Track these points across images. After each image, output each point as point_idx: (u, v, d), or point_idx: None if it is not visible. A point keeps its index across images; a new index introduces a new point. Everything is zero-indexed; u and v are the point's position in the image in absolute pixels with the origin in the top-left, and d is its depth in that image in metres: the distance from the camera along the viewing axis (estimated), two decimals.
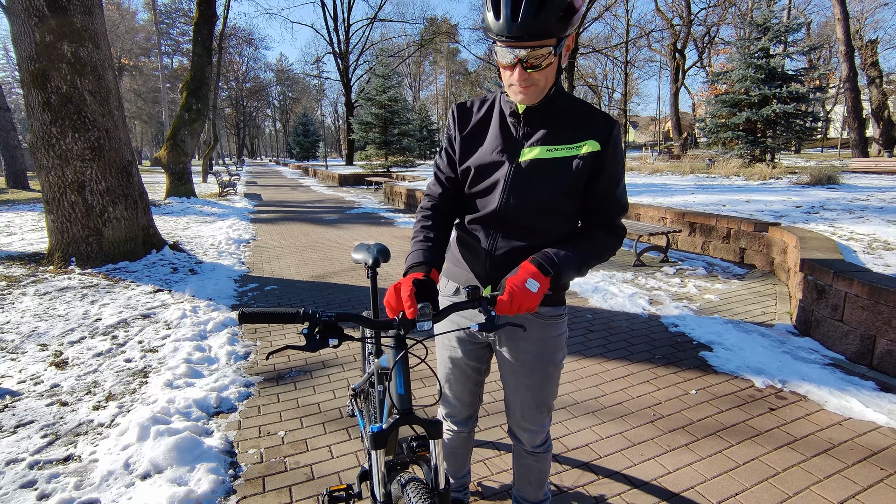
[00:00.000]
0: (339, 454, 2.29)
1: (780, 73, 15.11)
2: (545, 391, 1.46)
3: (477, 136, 1.36)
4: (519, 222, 1.30)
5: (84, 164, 5.13)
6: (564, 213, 1.31)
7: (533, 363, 1.42)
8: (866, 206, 6.79)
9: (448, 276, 1.49)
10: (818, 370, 3.00)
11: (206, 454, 2.22)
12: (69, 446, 2.32)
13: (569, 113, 1.28)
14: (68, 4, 4.94)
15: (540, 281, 1.18)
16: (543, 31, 1.08)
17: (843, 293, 3.23)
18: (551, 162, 1.26)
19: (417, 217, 1.41)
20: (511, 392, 1.49)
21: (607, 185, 1.29)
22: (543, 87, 1.20)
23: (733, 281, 4.98)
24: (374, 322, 1.10)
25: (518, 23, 1.07)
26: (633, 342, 3.52)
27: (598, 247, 1.30)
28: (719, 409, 2.62)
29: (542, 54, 1.12)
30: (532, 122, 1.28)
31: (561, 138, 1.26)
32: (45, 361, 3.21)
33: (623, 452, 2.26)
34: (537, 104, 1.24)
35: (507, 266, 1.31)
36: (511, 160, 1.28)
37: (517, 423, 1.52)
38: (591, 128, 1.25)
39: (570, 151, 1.25)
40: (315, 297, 4.76)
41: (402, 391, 1.12)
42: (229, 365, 3.22)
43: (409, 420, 1.11)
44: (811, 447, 2.27)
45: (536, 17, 1.07)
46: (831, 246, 4.15)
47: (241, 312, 0.99)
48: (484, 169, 1.32)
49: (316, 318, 1.02)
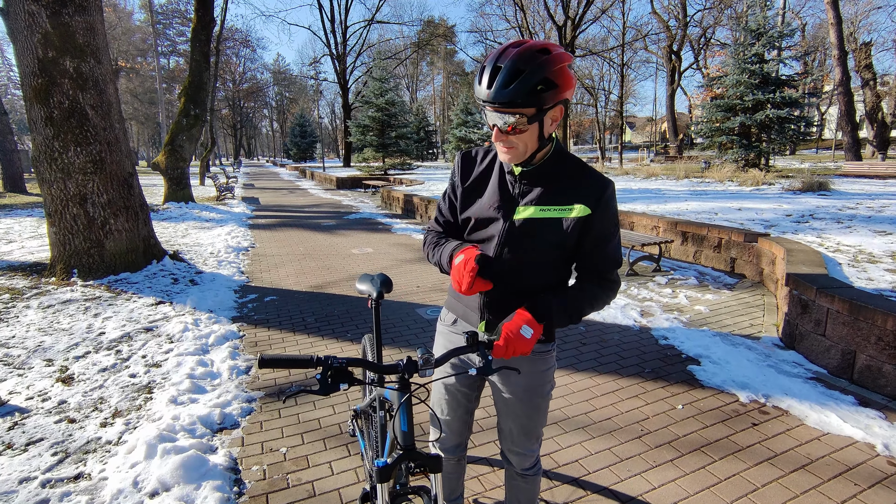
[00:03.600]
0: (340, 471, 2.39)
1: (774, 79, 15.27)
2: (534, 420, 1.57)
3: (478, 187, 1.45)
4: (510, 272, 1.39)
5: (86, 178, 5.21)
6: (555, 267, 1.41)
7: (522, 395, 1.52)
8: (854, 216, 6.93)
9: (448, 308, 1.62)
10: (800, 384, 3.11)
11: (211, 472, 2.32)
12: (79, 464, 2.41)
13: (564, 175, 1.35)
14: (70, 20, 5.02)
15: (534, 328, 1.28)
16: (513, 101, 1.17)
17: (826, 309, 3.35)
18: (543, 222, 1.33)
19: (427, 241, 1.55)
20: (503, 418, 1.61)
21: (598, 244, 1.37)
22: (524, 151, 1.28)
23: (723, 291, 5.10)
24: (381, 367, 1.20)
25: (492, 90, 1.18)
26: (623, 356, 3.63)
27: (591, 298, 1.39)
28: (704, 424, 2.73)
29: (516, 121, 1.21)
30: (528, 181, 1.36)
31: (554, 199, 1.33)
32: (51, 377, 3.29)
33: (611, 468, 2.37)
34: (533, 167, 1.34)
35: (500, 306, 1.42)
36: (506, 217, 1.36)
37: (508, 447, 1.63)
38: (584, 191, 1.33)
39: (561, 213, 1.33)
40: (314, 308, 4.86)
41: (405, 429, 1.22)
42: (231, 380, 3.31)
43: (412, 456, 1.22)
44: (790, 462, 2.38)
45: (507, 87, 1.16)
46: (817, 259, 4.26)
47: (260, 358, 1.09)
48: (481, 222, 1.41)
49: (329, 364, 1.12)
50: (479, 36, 37.48)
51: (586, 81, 43.80)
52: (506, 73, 1.16)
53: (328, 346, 3.91)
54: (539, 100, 1.18)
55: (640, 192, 11.45)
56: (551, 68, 1.17)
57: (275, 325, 4.40)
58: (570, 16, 26.33)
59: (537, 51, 1.18)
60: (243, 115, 59.60)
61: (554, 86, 1.18)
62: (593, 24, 32.95)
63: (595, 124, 44.38)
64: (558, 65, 1.19)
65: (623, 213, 7.60)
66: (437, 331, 1.68)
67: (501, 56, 1.19)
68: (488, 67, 1.20)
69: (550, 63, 1.17)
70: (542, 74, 1.16)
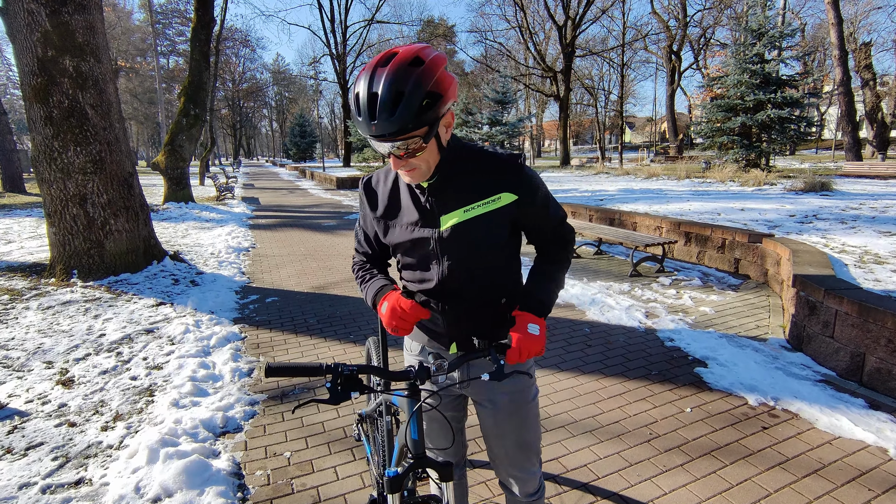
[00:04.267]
0: (345, 475, 2.35)
1: (775, 79, 15.25)
2: (528, 431, 1.46)
3: (391, 212, 1.35)
4: (461, 283, 1.31)
5: (86, 178, 5.17)
6: (502, 253, 1.35)
7: (508, 405, 1.42)
8: (858, 216, 6.90)
9: (411, 338, 1.51)
10: (810, 387, 3.08)
11: (214, 477, 2.28)
12: (80, 469, 2.37)
13: (474, 168, 1.26)
14: (70, 19, 4.98)
15: (538, 323, 1.27)
16: (403, 128, 1.06)
17: (834, 310, 3.32)
18: (473, 222, 1.25)
19: (355, 271, 1.49)
20: (495, 441, 1.48)
21: (541, 216, 1.33)
22: (428, 168, 1.19)
23: (728, 292, 5.07)
24: (393, 374, 1.17)
25: (376, 124, 1.05)
26: (630, 357, 3.59)
27: (560, 260, 1.40)
28: (714, 427, 2.69)
29: (411, 144, 1.10)
30: (439, 189, 1.26)
31: (475, 195, 1.25)
32: (51, 380, 3.25)
33: (621, 473, 2.33)
34: (438, 175, 1.24)
35: (465, 319, 1.36)
36: (433, 232, 1.27)
37: (507, 473, 1.49)
38: (501, 178, 1.25)
39: (487, 206, 1.24)
40: (316, 309, 4.82)
41: (416, 437, 1.19)
42: (234, 382, 3.27)
43: (423, 464, 1.18)
44: (802, 467, 2.34)
45: (391, 117, 1.04)
46: (823, 260, 4.23)
47: (267, 367, 1.05)
48: (408, 245, 1.32)
49: (339, 372, 1.08)
50: (479, 36, 37.50)
51: (586, 81, 43.79)
52: (385, 101, 1.03)
53: (331, 349, 3.87)
54: (428, 116, 1.07)
55: (642, 192, 11.43)
56: (431, 79, 1.06)
57: (276, 326, 4.36)
58: (570, 15, 26.31)
59: (409, 64, 1.06)
60: (243, 115, 59.56)
61: (439, 97, 1.07)
62: (593, 24, 32.94)
63: (595, 124, 44.37)
64: (437, 72, 1.07)
65: (625, 214, 7.57)
66: (405, 360, 1.57)
67: (373, 80, 1.05)
68: (362, 95, 1.06)
69: (429, 74, 1.06)
70: (425, 89, 1.05)
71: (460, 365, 1.21)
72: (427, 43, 1.11)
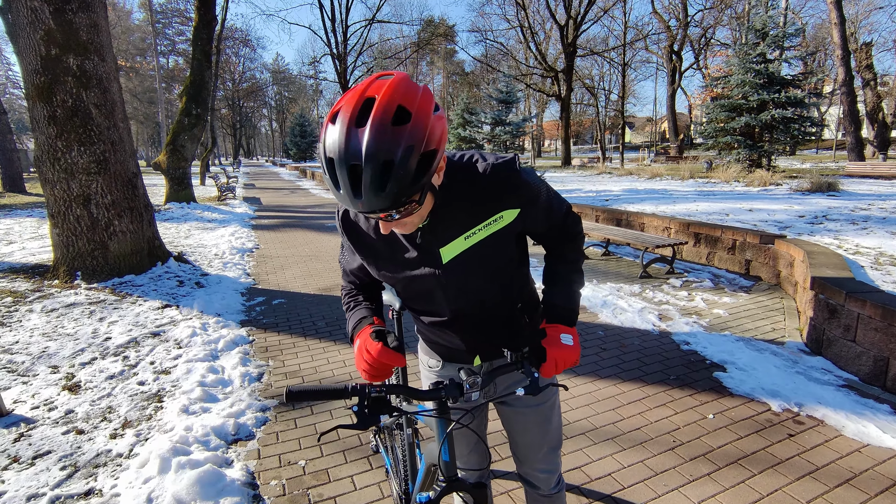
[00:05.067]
0: (363, 485, 2.28)
1: (779, 79, 15.20)
2: (551, 423, 1.43)
3: (378, 249, 1.19)
4: (472, 307, 1.22)
5: (89, 178, 5.09)
6: (511, 267, 1.25)
7: (532, 400, 1.37)
8: (869, 217, 6.84)
9: (427, 353, 1.43)
10: (833, 392, 3.01)
11: (228, 488, 2.21)
12: (89, 479, 2.30)
13: (469, 190, 1.09)
14: (74, 17, 4.90)
15: (570, 332, 1.22)
16: (396, 202, 0.88)
17: (856, 314, 3.25)
18: (476, 247, 1.13)
19: (342, 297, 1.39)
20: (519, 436, 1.44)
21: (545, 217, 1.23)
22: (422, 218, 1.04)
23: (740, 294, 5.00)
24: (423, 393, 1.10)
25: (362, 200, 0.86)
26: (646, 361, 3.53)
27: (574, 259, 1.32)
28: (738, 434, 2.63)
29: (404, 211, 0.94)
30: (433, 224, 1.10)
31: (475, 218, 1.11)
32: (57, 385, 3.18)
33: (646, 482, 2.27)
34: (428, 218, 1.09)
35: (482, 334, 1.28)
36: (434, 266, 1.14)
37: (530, 467, 1.46)
38: (500, 196, 1.10)
39: (490, 228, 1.11)
40: (324, 311, 4.75)
41: (447, 458, 1.12)
42: (244, 387, 3.20)
43: (455, 487, 1.11)
44: (833, 477, 2.28)
45: (381, 192, 0.86)
46: (839, 262, 4.17)
47: (288, 392, 0.97)
48: (406, 282, 1.20)
49: (366, 394, 1.01)
50: (480, 35, 37.44)
51: (586, 81, 43.73)
52: (373, 177, 0.84)
53: (341, 352, 3.80)
54: (426, 179, 0.90)
55: (647, 192, 11.36)
56: (424, 136, 0.86)
57: (284, 329, 4.29)
58: (571, 15, 26.24)
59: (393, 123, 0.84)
60: (242, 115, 59.43)
61: (434, 153, 0.89)
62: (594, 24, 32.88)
63: (595, 124, 44.31)
64: (428, 123, 0.87)
65: (633, 214, 7.51)
66: (423, 375, 1.49)
67: (348, 147, 0.84)
68: (338, 167, 0.85)
69: (419, 130, 0.86)
70: (419, 153, 0.86)
71: (493, 380, 1.14)
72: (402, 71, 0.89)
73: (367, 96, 0.87)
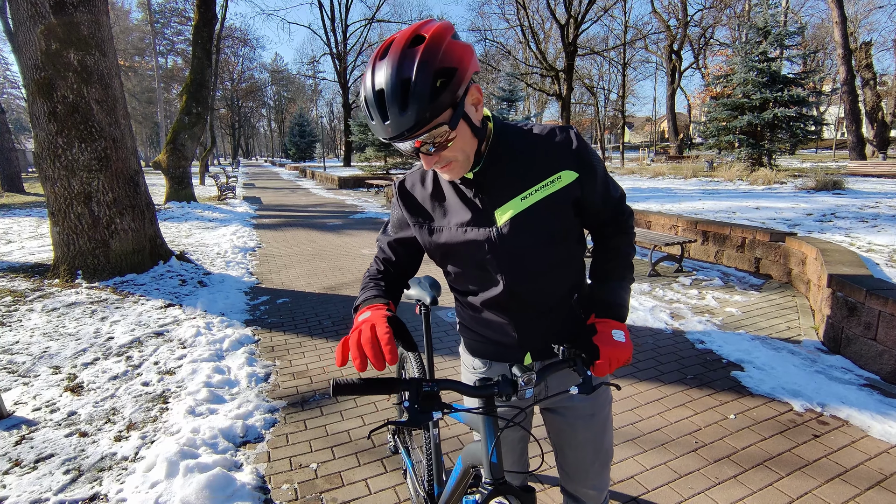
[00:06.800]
0: (377, 489, 2.20)
1: (781, 77, 15.14)
2: (606, 436, 1.33)
3: (433, 214, 1.18)
4: (529, 283, 1.16)
5: (91, 175, 5.00)
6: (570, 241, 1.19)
7: (587, 409, 1.28)
8: (878, 214, 6.78)
9: (473, 352, 1.34)
10: (855, 392, 2.94)
11: (239, 492, 2.13)
12: (94, 483, 2.22)
13: (522, 147, 1.11)
14: (74, 11, 4.82)
15: (622, 328, 1.15)
16: (420, 120, 0.91)
17: (877, 311, 3.18)
18: (533, 209, 1.09)
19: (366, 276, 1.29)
20: (569, 450, 1.32)
21: (603, 195, 1.19)
22: (467, 157, 1.04)
23: (751, 293, 4.93)
24: (476, 389, 1.02)
25: (391, 125, 0.92)
26: (661, 361, 3.46)
27: (627, 253, 1.26)
28: (762, 435, 2.55)
29: (436, 135, 0.95)
30: (488, 180, 1.10)
31: (531, 179, 1.09)
32: (59, 386, 3.10)
33: (671, 485, 2.19)
34: (483, 162, 1.09)
35: (538, 328, 1.21)
36: (488, 231, 1.11)
37: (580, 484, 1.35)
38: (558, 153, 1.10)
39: (547, 189, 1.09)
40: (330, 310, 4.67)
41: (496, 460, 1.04)
42: (250, 388, 3.13)
43: (503, 490, 1.04)
44: (863, 479, 2.21)
45: (405, 110, 0.90)
46: (855, 259, 4.10)
47: (335, 385, 0.90)
48: (459, 249, 1.16)
49: (419, 389, 0.94)
50: (479, 35, 37.36)
51: (586, 81, 43.69)
52: (393, 96, 0.90)
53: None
54: (446, 97, 0.92)
55: (651, 191, 11.30)
56: (438, 53, 0.90)
57: (290, 328, 4.21)
58: (572, 14, 26.20)
59: (409, 45, 0.91)
60: (241, 115, 59.29)
61: (453, 71, 0.92)
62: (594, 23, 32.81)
63: (595, 124, 44.28)
64: (443, 43, 0.92)
65: (639, 213, 7.43)
66: (465, 378, 1.39)
67: (374, 76, 0.92)
68: (367, 95, 0.93)
69: (433, 48, 0.90)
70: (433, 68, 0.90)
71: (545, 378, 1.07)
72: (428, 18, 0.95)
73: (391, 39, 0.95)
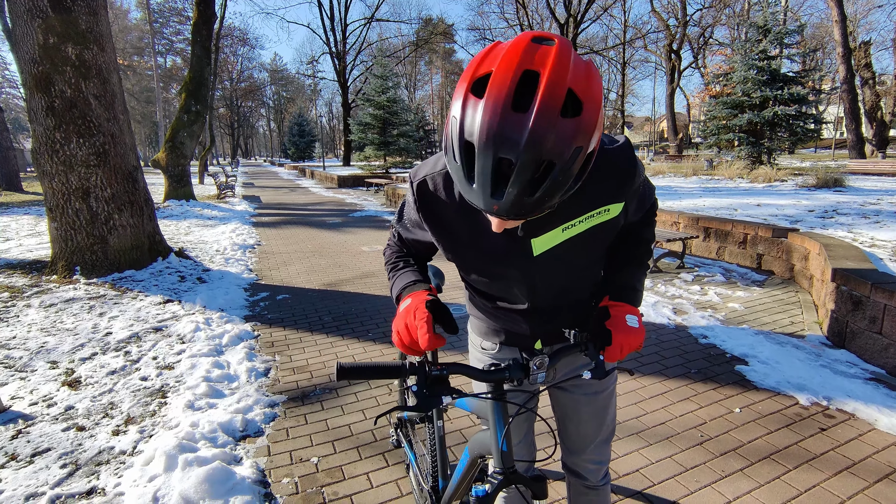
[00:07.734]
0: (379, 483, 2.17)
1: (781, 75, 15.12)
2: (608, 413, 1.34)
3: (459, 231, 1.05)
4: (553, 300, 1.15)
5: (89, 171, 4.97)
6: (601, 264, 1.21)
7: (591, 386, 1.28)
8: (880, 211, 6.76)
9: (482, 335, 1.32)
10: (861, 386, 2.91)
11: (239, 486, 2.10)
12: (91, 477, 2.19)
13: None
14: (72, 5, 4.78)
15: (635, 313, 1.12)
16: (539, 208, 0.75)
17: (883, 305, 3.15)
18: (574, 240, 1.02)
19: (386, 255, 1.28)
20: (572, 424, 1.34)
21: (639, 209, 1.17)
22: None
23: (754, 288, 4.91)
24: (486, 373, 0.99)
25: (501, 201, 0.72)
26: (665, 355, 3.43)
27: (647, 240, 1.24)
28: (768, 429, 2.53)
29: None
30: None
31: (577, 209, 0.97)
32: (56, 380, 3.06)
33: (677, 479, 2.16)
34: None
35: (553, 320, 1.20)
36: (524, 257, 1.02)
37: (580, 457, 1.38)
38: (612, 187, 0.98)
39: (592, 221, 0.99)
40: (330, 307, 4.63)
41: (505, 448, 1.01)
42: (250, 383, 3.09)
43: (513, 479, 1.00)
44: (872, 472, 2.18)
45: (530, 197, 0.71)
46: (859, 254, 4.07)
47: (339, 368, 0.87)
48: (485, 270, 1.10)
49: (427, 373, 0.91)
50: (479, 34, 37.34)
51: None
52: (525, 177, 0.69)
53: (349, 347, 3.69)
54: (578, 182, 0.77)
55: None
56: (593, 128, 0.70)
57: (290, 324, 4.18)
58: (571, 13, 26.16)
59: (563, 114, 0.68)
60: (241, 115, 59.24)
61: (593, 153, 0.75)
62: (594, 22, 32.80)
63: None
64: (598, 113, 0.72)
65: None
66: (473, 357, 1.39)
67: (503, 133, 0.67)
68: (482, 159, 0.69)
69: (590, 121, 0.70)
70: (585, 152, 0.71)
71: (556, 362, 1.04)
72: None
73: (526, 68, 0.69)
